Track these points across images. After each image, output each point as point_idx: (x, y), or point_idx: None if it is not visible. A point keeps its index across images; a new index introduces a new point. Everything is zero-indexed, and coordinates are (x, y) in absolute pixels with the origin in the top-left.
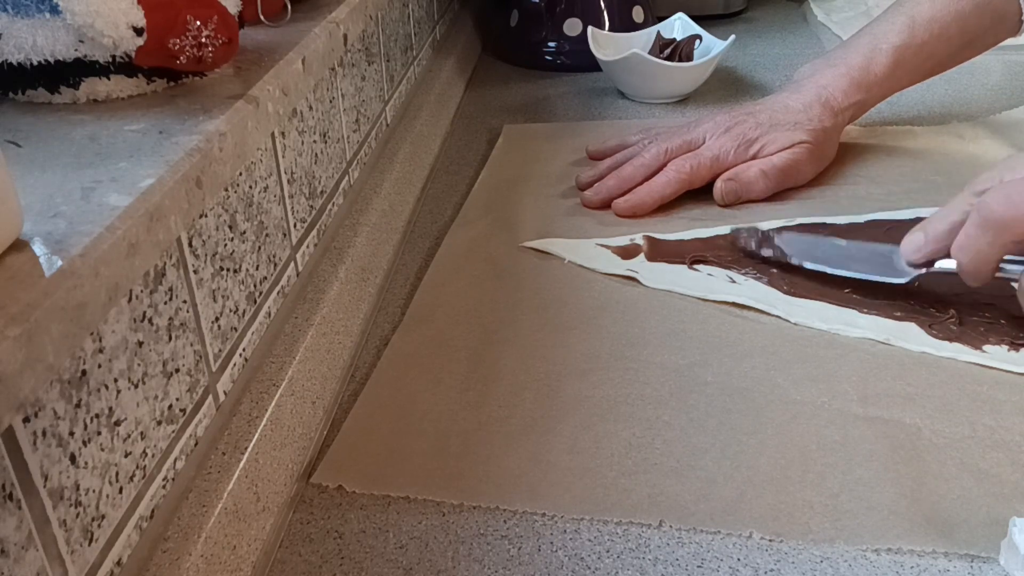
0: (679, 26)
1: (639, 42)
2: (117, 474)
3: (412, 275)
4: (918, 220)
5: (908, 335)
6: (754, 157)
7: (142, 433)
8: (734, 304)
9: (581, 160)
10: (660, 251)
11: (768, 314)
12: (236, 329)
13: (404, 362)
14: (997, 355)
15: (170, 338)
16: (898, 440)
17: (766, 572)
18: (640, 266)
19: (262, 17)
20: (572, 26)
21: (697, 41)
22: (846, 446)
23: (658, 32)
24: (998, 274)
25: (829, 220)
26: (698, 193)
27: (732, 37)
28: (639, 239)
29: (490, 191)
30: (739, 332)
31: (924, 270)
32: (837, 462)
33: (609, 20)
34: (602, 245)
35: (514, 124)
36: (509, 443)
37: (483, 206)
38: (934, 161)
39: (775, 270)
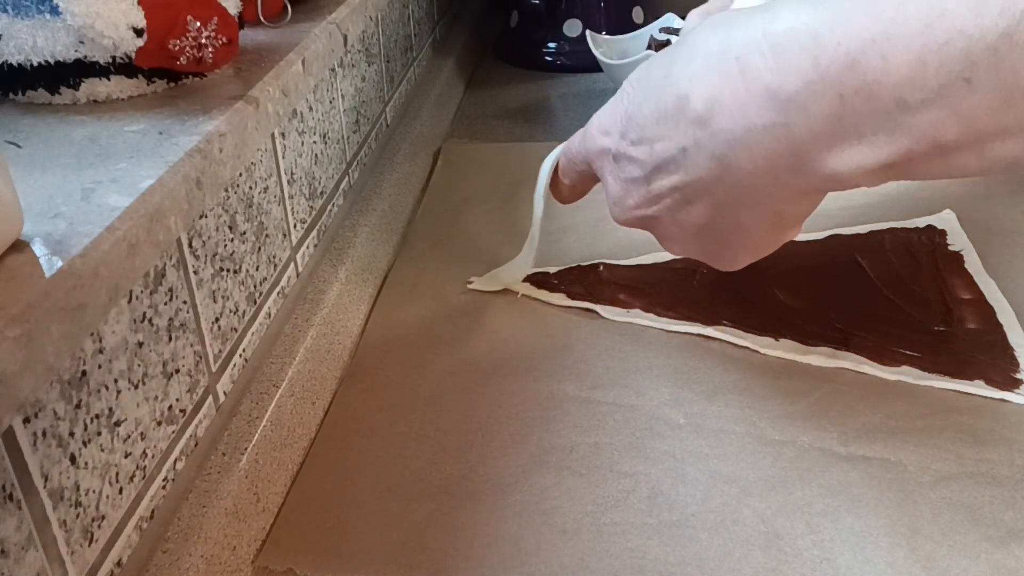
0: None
1: (637, 43)
2: (117, 475)
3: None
4: (874, 235)
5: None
6: None
7: (142, 434)
8: (699, 335)
9: (524, 181)
10: (618, 276)
11: (736, 345)
12: (236, 330)
13: (353, 419)
14: (977, 383)
15: (170, 339)
16: (885, 481)
17: None
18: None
19: (262, 18)
20: (572, 27)
21: None
22: (833, 491)
23: (651, 36)
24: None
25: None
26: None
27: None
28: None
29: (435, 218)
30: (707, 366)
31: None
32: (826, 509)
33: (609, 21)
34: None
35: (454, 142)
36: (475, 504)
37: (428, 236)
38: None
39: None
